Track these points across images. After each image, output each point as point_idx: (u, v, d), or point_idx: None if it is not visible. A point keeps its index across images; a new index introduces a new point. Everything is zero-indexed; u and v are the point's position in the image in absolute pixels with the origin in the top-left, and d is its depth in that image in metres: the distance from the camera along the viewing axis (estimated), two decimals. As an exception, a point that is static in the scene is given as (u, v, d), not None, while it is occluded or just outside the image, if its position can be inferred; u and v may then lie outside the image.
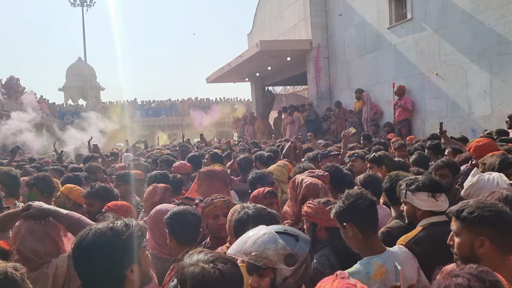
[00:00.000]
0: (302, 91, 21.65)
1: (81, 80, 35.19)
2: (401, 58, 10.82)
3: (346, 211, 2.23)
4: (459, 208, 1.86)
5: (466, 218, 1.82)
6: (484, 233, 1.77)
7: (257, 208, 2.36)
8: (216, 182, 3.72)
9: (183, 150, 8.34)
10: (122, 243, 1.57)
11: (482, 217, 1.79)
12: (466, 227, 1.82)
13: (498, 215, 1.78)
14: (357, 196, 2.26)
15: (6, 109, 22.07)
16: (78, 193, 3.77)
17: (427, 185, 2.55)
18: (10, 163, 7.28)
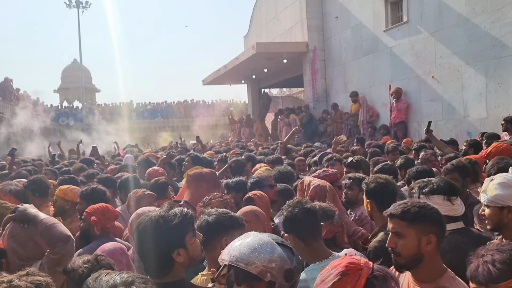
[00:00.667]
0: (298, 93, 21.70)
1: (76, 82, 35.07)
2: (397, 60, 10.86)
3: (286, 222, 2.30)
4: (403, 209, 1.90)
5: (414, 218, 1.87)
6: (431, 230, 1.87)
7: (217, 214, 2.28)
8: (203, 184, 3.71)
9: (182, 152, 8.33)
10: (169, 229, 1.77)
11: (428, 215, 1.89)
12: (412, 227, 1.87)
13: (437, 212, 1.92)
14: (293, 206, 2.29)
15: (0, 111, 21.94)
16: (73, 192, 3.74)
17: (442, 187, 2.47)
18: (11, 166, 7.29)
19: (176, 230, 1.79)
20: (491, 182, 2.40)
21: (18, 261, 2.27)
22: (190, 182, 3.50)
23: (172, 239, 1.79)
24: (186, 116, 35.98)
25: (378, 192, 2.70)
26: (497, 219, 2.35)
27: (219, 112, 36.39)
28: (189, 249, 1.82)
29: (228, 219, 2.26)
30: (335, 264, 1.43)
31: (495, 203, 2.35)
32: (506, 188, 2.34)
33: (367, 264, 1.40)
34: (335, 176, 3.63)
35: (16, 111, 24.73)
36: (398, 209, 1.91)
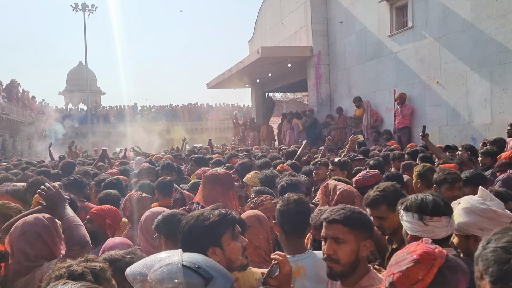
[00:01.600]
0: (302, 97, 21.70)
1: (81, 85, 35.29)
2: (402, 66, 10.85)
3: (277, 213, 2.38)
4: (345, 215, 1.84)
5: (356, 224, 1.82)
6: (369, 236, 1.86)
7: None
8: (218, 187, 3.68)
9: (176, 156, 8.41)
10: (206, 226, 1.83)
11: (366, 221, 1.86)
12: (353, 233, 1.82)
13: (370, 218, 1.89)
14: (288, 202, 2.36)
15: (6, 112, 22.08)
16: None
17: (415, 205, 2.07)
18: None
19: (212, 228, 1.84)
20: (457, 207, 2.18)
21: (24, 262, 2.26)
22: (205, 183, 3.46)
23: (208, 237, 1.83)
24: (190, 119, 36.07)
25: None
26: (464, 248, 2.16)
27: (223, 116, 36.48)
28: (226, 250, 1.83)
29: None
30: (411, 250, 1.46)
31: (460, 232, 2.15)
32: (469, 214, 2.10)
33: (441, 253, 1.42)
34: (379, 176, 3.59)
35: (21, 113, 24.89)
36: (340, 214, 1.84)
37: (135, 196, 3.52)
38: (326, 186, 3.19)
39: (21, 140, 25.61)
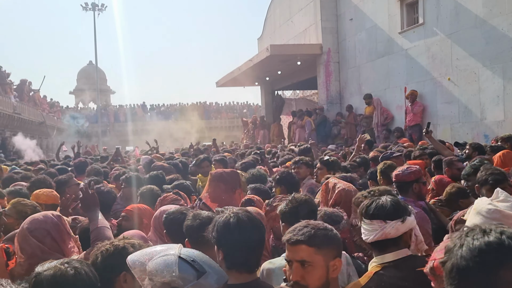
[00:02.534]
0: (311, 95, 21.65)
1: (91, 84, 35.52)
2: (413, 63, 10.77)
3: (286, 213, 2.39)
4: (309, 234, 1.67)
5: (322, 242, 1.66)
6: (337, 254, 1.70)
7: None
8: (222, 185, 3.73)
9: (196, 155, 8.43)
10: (262, 224, 1.95)
11: (332, 236, 1.71)
12: (320, 253, 1.65)
13: (336, 233, 1.76)
14: (299, 202, 2.38)
15: (18, 111, 22.31)
16: (45, 195, 3.75)
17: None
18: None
19: (263, 226, 1.95)
20: (470, 210, 2.09)
21: (41, 254, 2.29)
22: (211, 181, 3.55)
23: (264, 233, 1.94)
24: (200, 118, 36.18)
25: None
26: None
27: (232, 114, 36.53)
28: (267, 246, 1.99)
29: None
30: None
31: None
32: (476, 216, 2.01)
33: None
34: (420, 172, 3.51)
35: (33, 112, 25.14)
36: (304, 234, 1.67)
37: (170, 197, 3.54)
38: (327, 184, 3.17)
39: (32, 139, 25.86)
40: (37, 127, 25.29)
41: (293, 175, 4.13)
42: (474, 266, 1.01)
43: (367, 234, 2.00)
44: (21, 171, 6.73)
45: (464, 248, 1.05)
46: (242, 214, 1.89)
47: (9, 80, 23.95)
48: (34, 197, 3.74)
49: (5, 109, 20.53)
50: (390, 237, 1.92)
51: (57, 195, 3.80)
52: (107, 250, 1.89)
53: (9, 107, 21.31)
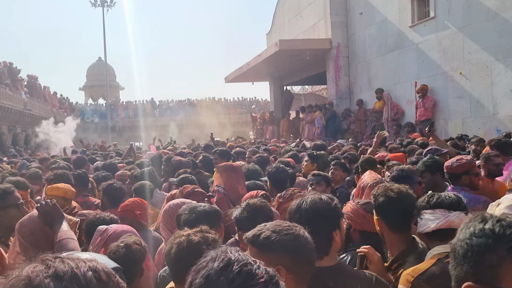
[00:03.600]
0: (321, 90, 21.57)
1: (101, 80, 35.70)
2: (424, 57, 10.67)
3: (241, 222, 2.29)
4: (255, 233, 1.56)
5: (262, 244, 1.53)
6: (280, 261, 1.50)
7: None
8: (234, 174, 3.81)
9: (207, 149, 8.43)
10: (332, 208, 1.90)
11: (279, 242, 1.52)
12: (263, 255, 1.48)
13: (295, 239, 1.53)
14: (255, 211, 2.30)
15: (28, 108, 22.52)
16: (59, 189, 3.77)
17: None
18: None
19: (337, 210, 1.93)
20: (497, 208, 2.09)
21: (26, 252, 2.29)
22: (221, 172, 3.59)
23: (335, 219, 1.90)
24: (208, 113, 36.24)
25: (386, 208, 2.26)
26: None
27: (241, 110, 36.53)
28: (342, 231, 1.91)
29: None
30: None
31: None
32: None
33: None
34: (470, 164, 3.52)
35: (43, 109, 25.37)
36: (252, 232, 1.57)
37: (187, 189, 3.56)
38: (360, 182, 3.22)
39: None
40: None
41: (282, 171, 4.16)
42: (466, 248, 1.10)
43: (427, 224, 2.01)
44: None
45: (462, 231, 1.14)
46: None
47: (20, 76, 24.17)
48: (51, 190, 3.74)
49: (16, 105, 20.74)
50: (454, 227, 1.89)
51: (73, 190, 3.80)
52: (180, 243, 1.89)
53: (20, 103, 21.52)
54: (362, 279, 1.85)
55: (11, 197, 2.78)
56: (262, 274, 1.01)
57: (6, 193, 2.78)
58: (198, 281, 1.02)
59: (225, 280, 0.99)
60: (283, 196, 2.86)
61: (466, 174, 3.44)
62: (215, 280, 1.00)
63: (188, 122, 34.73)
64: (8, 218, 2.67)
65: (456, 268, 1.11)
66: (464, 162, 3.51)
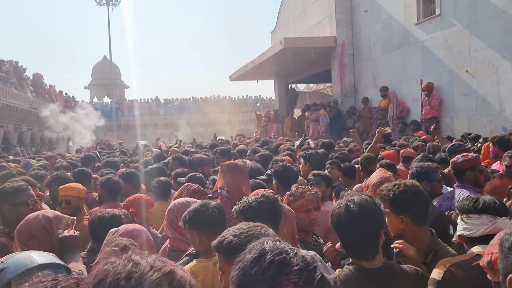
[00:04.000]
0: (325, 88, 21.50)
1: (106, 78, 35.79)
2: (429, 54, 10.60)
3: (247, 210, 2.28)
4: (220, 240, 1.63)
5: (226, 250, 1.60)
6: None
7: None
8: (238, 174, 3.71)
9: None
10: (378, 209, 1.93)
11: (240, 245, 1.51)
12: (228, 260, 1.55)
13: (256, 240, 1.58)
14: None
15: (34, 106, 22.62)
16: (73, 188, 3.73)
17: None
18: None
19: (381, 209, 1.97)
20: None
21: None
22: (225, 172, 3.51)
23: (382, 217, 1.97)
24: (213, 112, 36.24)
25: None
26: None
27: (246, 108, 36.51)
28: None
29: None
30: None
31: None
32: None
33: None
34: (476, 160, 3.55)
35: (49, 107, 25.47)
36: (217, 239, 1.64)
37: (193, 187, 3.56)
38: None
39: (49, 134, 26.23)
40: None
41: (290, 170, 4.12)
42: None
43: (473, 229, 2.04)
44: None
45: (509, 226, 1.13)
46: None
47: (25, 75, 24.28)
48: (65, 191, 3.69)
49: (22, 104, 20.83)
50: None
51: (83, 189, 3.78)
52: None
53: (26, 102, 21.62)
54: (410, 275, 1.93)
55: (22, 195, 2.83)
56: (297, 262, 1.01)
57: (18, 191, 2.84)
58: (235, 273, 1.05)
59: (259, 270, 1.00)
60: (293, 194, 2.83)
61: (471, 170, 3.46)
62: (249, 271, 1.01)
63: (193, 120, 34.75)
64: (17, 215, 2.70)
65: (503, 261, 1.11)
66: (470, 158, 3.53)
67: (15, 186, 2.89)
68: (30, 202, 2.85)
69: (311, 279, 0.99)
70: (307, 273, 1.00)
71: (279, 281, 0.97)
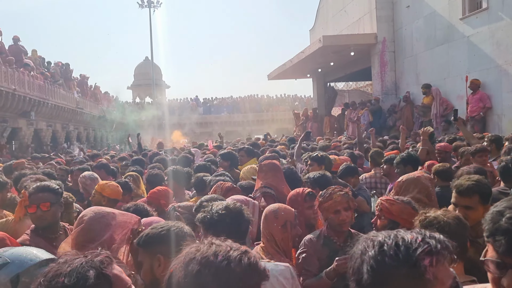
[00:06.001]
0: (365, 86, 21.14)
1: (148, 79, 36.68)
2: (475, 50, 10.21)
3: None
4: (139, 236, 1.92)
5: (145, 243, 1.87)
6: (159, 251, 1.82)
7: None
8: (279, 174, 3.72)
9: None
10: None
11: (155, 236, 1.86)
12: (145, 252, 1.86)
13: (168, 232, 1.86)
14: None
15: (80, 106, 23.51)
16: (111, 189, 3.72)
17: None
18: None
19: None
20: None
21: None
22: (267, 171, 3.51)
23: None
24: (251, 111, 36.40)
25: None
26: None
27: (284, 107, 36.45)
28: None
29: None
30: None
31: None
32: None
33: None
34: None
35: (94, 107, 26.42)
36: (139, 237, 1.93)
37: (226, 185, 3.62)
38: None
39: (94, 133, 27.23)
40: (97, 121, 26.57)
41: (293, 173, 4.14)
42: None
43: None
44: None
45: None
46: None
47: (73, 76, 25.27)
48: (99, 188, 3.78)
49: (69, 104, 21.72)
50: None
51: (120, 190, 3.81)
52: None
53: (73, 102, 22.52)
54: None
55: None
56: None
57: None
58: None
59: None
60: (323, 195, 2.81)
61: None
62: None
63: (231, 119, 35.05)
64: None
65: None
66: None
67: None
68: None
69: None
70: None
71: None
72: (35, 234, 2.72)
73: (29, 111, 17.15)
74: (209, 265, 1.09)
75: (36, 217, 2.72)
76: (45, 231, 2.74)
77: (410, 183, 3.04)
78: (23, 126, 17.46)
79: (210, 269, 1.08)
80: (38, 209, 2.70)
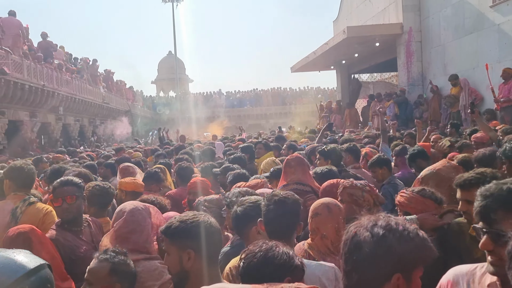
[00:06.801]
0: (390, 78, 20.79)
1: (171, 73, 37.04)
2: (506, 38, 9.88)
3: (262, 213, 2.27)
4: (166, 225, 1.87)
5: (173, 235, 1.83)
6: (190, 246, 1.81)
7: (246, 204, 2.37)
8: (307, 168, 3.68)
9: None
10: None
11: (185, 230, 1.83)
12: (173, 243, 1.83)
13: (198, 226, 1.84)
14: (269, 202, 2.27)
15: (106, 101, 23.94)
16: (126, 182, 3.78)
17: None
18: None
19: None
20: None
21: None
22: (295, 166, 3.46)
23: None
24: (274, 104, 36.32)
25: None
26: None
27: (307, 99, 36.23)
28: None
29: (254, 209, 2.27)
30: None
31: None
32: None
33: None
34: None
35: (119, 102, 26.84)
36: (163, 226, 1.92)
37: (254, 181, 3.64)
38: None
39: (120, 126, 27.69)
40: (123, 115, 27.01)
41: None
42: None
43: None
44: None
45: None
46: None
47: (99, 71, 25.74)
48: (119, 185, 3.85)
49: (95, 99, 22.14)
50: None
51: (139, 183, 3.84)
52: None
53: (99, 97, 22.94)
54: None
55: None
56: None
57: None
58: None
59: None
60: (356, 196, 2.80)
61: None
62: None
63: (254, 112, 35.04)
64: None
65: None
66: None
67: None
68: None
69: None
70: None
71: None
72: (62, 228, 2.78)
73: (58, 106, 17.58)
74: (393, 231, 1.24)
75: (62, 210, 2.77)
76: (70, 224, 2.79)
77: (429, 178, 2.96)
78: (52, 121, 17.93)
79: (394, 234, 1.24)
80: (64, 202, 2.76)
